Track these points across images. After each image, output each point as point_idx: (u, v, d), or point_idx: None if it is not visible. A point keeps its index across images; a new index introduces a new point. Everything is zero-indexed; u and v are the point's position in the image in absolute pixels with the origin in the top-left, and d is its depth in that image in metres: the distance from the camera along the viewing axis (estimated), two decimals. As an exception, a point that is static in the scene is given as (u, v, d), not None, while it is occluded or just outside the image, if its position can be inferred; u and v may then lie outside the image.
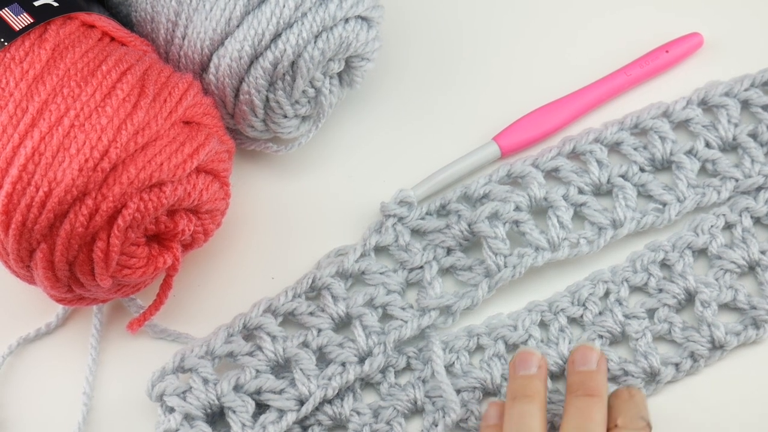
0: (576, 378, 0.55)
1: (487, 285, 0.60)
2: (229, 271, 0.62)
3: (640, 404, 0.54)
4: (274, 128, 0.62)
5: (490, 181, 0.61)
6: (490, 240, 0.60)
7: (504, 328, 0.59)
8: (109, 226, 0.52)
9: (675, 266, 0.60)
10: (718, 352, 0.58)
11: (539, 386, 0.54)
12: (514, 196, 0.61)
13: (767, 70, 0.64)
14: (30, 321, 0.60)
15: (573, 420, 0.53)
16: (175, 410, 0.56)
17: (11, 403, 0.59)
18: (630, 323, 0.59)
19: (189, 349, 0.58)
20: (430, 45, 0.68)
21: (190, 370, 0.57)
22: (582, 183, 0.61)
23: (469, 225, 0.60)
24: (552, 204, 0.61)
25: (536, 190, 0.61)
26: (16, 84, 0.53)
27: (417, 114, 0.66)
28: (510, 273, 0.59)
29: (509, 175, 0.62)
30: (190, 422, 0.56)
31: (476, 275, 0.60)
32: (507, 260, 0.60)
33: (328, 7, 0.58)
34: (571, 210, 0.61)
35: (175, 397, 0.56)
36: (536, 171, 0.61)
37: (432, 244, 0.60)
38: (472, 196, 0.61)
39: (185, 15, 0.58)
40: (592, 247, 0.60)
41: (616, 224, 0.61)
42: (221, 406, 0.57)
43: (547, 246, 0.60)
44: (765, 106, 0.63)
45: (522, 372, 0.55)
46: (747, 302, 0.59)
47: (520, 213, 0.60)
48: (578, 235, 0.61)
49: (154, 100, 0.54)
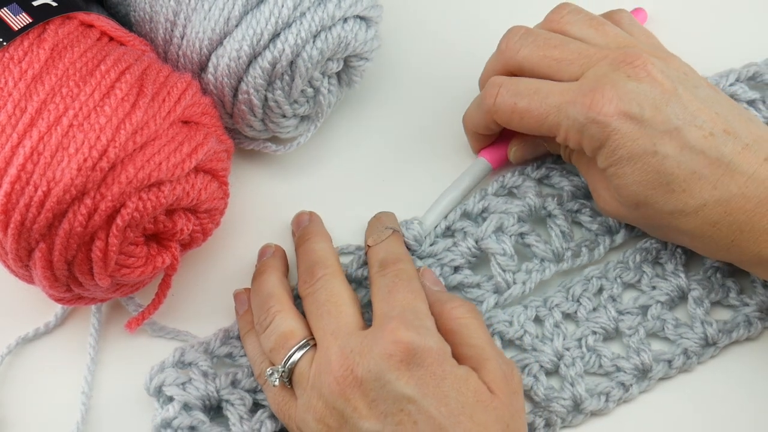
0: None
1: (495, 301, 0.60)
2: (227, 270, 0.62)
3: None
4: (272, 128, 0.62)
5: (486, 195, 0.62)
6: (499, 257, 0.60)
7: (500, 324, 0.59)
8: (107, 226, 0.52)
9: (666, 264, 0.60)
10: (710, 349, 0.59)
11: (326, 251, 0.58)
12: (513, 207, 0.61)
13: (752, 65, 0.65)
14: (29, 320, 0.60)
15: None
16: (174, 399, 0.56)
17: (10, 402, 0.59)
18: (623, 319, 0.59)
19: (189, 345, 0.59)
20: (429, 44, 0.68)
21: (190, 365, 0.58)
22: (573, 187, 0.62)
23: (476, 242, 0.60)
24: (550, 213, 0.61)
25: (534, 199, 0.61)
26: (14, 84, 0.53)
27: (416, 114, 0.66)
28: (520, 289, 0.60)
29: (504, 187, 0.62)
30: (188, 411, 0.56)
31: (485, 292, 0.60)
32: (516, 276, 0.60)
33: (327, 7, 0.58)
34: (569, 217, 0.61)
35: (174, 387, 0.57)
36: (529, 180, 0.62)
37: (439, 262, 0.60)
38: (471, 212, 0.61)
39: (184, 15, 0.58)
40: (592, 256, 0.61)
41: (612, 230, 0.61)
42: (219, 399, 0.57)
43: (552, 258, 0.60)
44: (751, 101, 0.64)
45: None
46: (739, 300, 0.60)
47: (523, 225, 0.61)
48: (579, 243, 0.61)
49: (153, 100, 0.54)
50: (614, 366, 0.58)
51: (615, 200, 0.57)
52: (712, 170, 0.54)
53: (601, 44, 0.58)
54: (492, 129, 0.60)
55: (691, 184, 0.54)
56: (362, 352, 0.52)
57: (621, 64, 0.55)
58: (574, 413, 0.58)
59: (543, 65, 0.57)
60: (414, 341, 0.51)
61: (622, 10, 0.61)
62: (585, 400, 0.57)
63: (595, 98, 0.54)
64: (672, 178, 0.54)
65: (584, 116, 0.55)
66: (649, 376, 0.58)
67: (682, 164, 0.54)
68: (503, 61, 0.59)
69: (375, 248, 0.58)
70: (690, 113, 0.54)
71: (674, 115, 0.54)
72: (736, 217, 0.54)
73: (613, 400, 0.58)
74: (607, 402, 0.58)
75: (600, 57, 0.56)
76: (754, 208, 0.54)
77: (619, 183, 0.55)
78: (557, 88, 0.56)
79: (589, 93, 0.55)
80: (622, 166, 0.55)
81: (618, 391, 0.58)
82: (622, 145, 0.54)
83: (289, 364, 0.54)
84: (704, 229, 0.55)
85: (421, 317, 0.53)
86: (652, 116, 0.54)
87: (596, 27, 0.58)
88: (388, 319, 0.52)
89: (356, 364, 0.51)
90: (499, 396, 0.52)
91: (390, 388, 0.50)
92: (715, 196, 0.54)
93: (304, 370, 0.53)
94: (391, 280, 0.55)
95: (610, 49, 0.57)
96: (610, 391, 0.58)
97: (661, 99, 0.54)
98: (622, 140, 0.54)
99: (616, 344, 0.60)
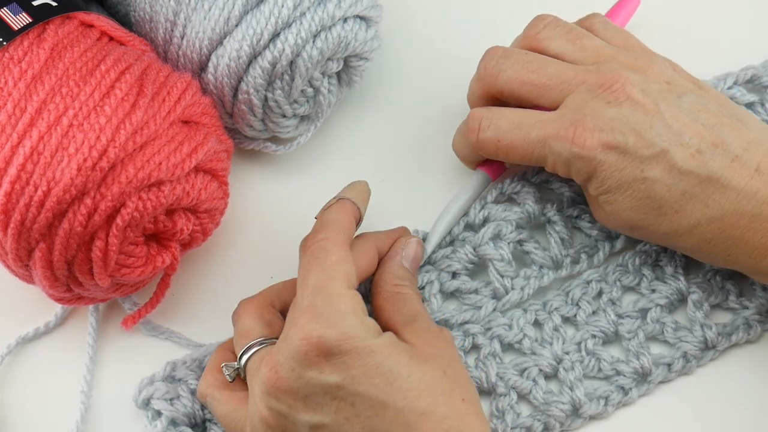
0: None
1: (493, 307, 0.60)
2: (227, 270, 0.62)
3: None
4: (272, 128, 0.62)
5: (487, 203, 0.61)
6: (497, 263, 0.60)
7: (499, 327, 0.59)
8: (107, 226, 0.52)
9: (666, 267, 0.60)
10: (710, 353, 0.59)
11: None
12: (512, 214, 0.61)
13: (750, 68, 0.64)
14: (29, 320, 0.60)
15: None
16: (162, 414, 0.57)
17: (10, 402, 0.59)
18: (623, 323, 0.59)
19: (181, 361, 0.59)
20: (429, 44, 0.68)
21: (180, 381, 0.58)
22: (573, 192, 0.61)
23: (474, 248, 0.60)
24: (549, 219, 0.61)
25: (533, 205, 0.61)
26: (14, 83, 0.53)
27: (416, 113, 0.66)
28: (518, 295, 0.60)
29: (503, 193, 0.62)
30: (175, 427, 0.57)
31: (483, 297, 0.60)
32: (514, 282, 0.60)
33: (327, 7, 0.58)
34: (568, 223, 0.61)
35: (162, 401, 0.57)
36: (529, 185, 0.62)
37: (437, 268, 0.60)
38: (474, 223, 0.61)
39: (184, 14, 0.58)
40: (591, 262, 0.61)
41: (612, 236, 0.61)
42: (204, 419, 0.57)
43: (551, 264, 0.60)
44: (749, 104, 0.63)
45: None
46: (739, 303, 0.59)
47: (521, 232, 0.61)
48: (578, 249, 0.61)
49: (153, 100, 0.54)
50: (613, 369, 0.58)
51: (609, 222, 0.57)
52: (702, 189, 0.54)
53: (580, 60, 0.57)
54: (481, 157, 0.60)
55: (682, 205, 0.54)
56: (281, 352, 0.51)
57: (599, 90, 0.55)
58: (573, 417, 0.58)
59: (523, 92, 0.57)
60: (325, 335, 0.50)
61: (595, 15, 0.60)
62: (584, 404, 0.57)
63: (576, 132, 0.54)
64: (663, 202, 0.54)
65: (568, 152, 0.54)
66: (648, 380, 0.58)
67: (671, 187, 0.54)
68: (485, 86, 0.59)
69: (316, 221, 0.56)
70: (675, 132, 0.54)
71: (658, 137, 0.54)
72: (730, 233, 0.54)
73: (613, 403, 0.58)
74: (606, 406, 0.58)
75: (578, 82, 0.56)
76: (748, 223, 0.54)
77: (612, 210, 0.55)
78: (539, 122, 0.56)
79: (570, 127, 0.54)
80: (613, 194, 0.55)
81: (617, 395, 0.58)
82: (610, 176, 0.54)
83: (242, 360, 0.54)
84: (700, 245, 0.55)
85: (332, 300, 0.51)
86: (636, 142, 0.54)
87: (573, 41, 0.58)
88: (299, 312, 0.51)
89: (279, 366, 0.51)
90: (427, 349, 0.52)
91: (315, 383, 0.50)
92: (707, 214, 0.54)
93: (254, 366, 0.53)
94: (307, 260, 0.53)
95: (589, 72, 0.56)
96: (609, 395, 0.58)
97: (643, 122, 0.54)
98: (609, 170, 0.54)
99: (615, 348, 0.59)
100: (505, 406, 0.57)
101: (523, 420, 0.57)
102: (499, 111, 0.58)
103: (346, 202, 0.57)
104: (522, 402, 0.58)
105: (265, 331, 0.55)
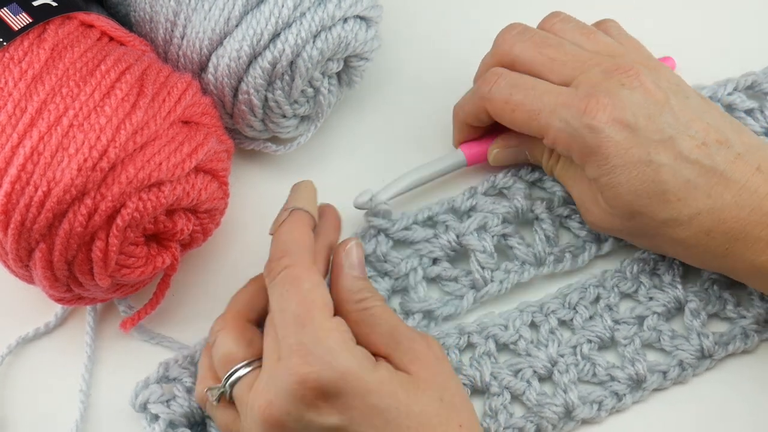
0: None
1: (473, 297, 0.60)
2: (227, 270, 0.62)
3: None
4: (272, 128, 0.62)
5: (476, 193, 0.62)
6: (478, 254, 0.60)
7: (495, 327, 0.60)
8: (107, 226, 0.53)
9: (664, 276, 0.60)
10: (706, 362, 0.59)
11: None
12: (500, 208, 0.61)
13: (750, 74, 0.64)
14: (29, 320, 0.60)
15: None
16: (160, 417, 0.57)
17: (10, 401, 0.59)
18: (619, 329, 0.59)
19: (173, 360, 0.58)
20: (429, 44, 0.67)
21: (174, 380, 0.58)
22: (564, 192, 0.61)
23: (457, 236, 0.60)
24: (538, 216, 0.61)
25: (522, 201, 0.61)
26: (15, 84, 0.53)
27: (416, 113, 0.66)
28: (497, 288, 0.60)
29: (494, 186, 0.62)
30: (174, 429, 0.57)
31: (462, 286, 0.60)
32: (494, 275, 0.60)
33: (327, 7, 0.58)
34: (557, 222, 0.61)
35: (159, 405, 0.57)
36: (520, 182, 0.62)
37: (418, 253, 0.60)
38: (459, 209, 0.61)
39: (184, 15, 0.58)
40: (576, 262, 0.61)
41: (601, 238, 0.61)
42: (203, 416, 0.58)
43: (534, 261, 0.60)
44: (749, 110, 0.63)
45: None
46: (736, 312, 0.60)
47: (507, 227, 0.61)
48: (563, 249, 0.61)
49: (153, 100, 0.54)
50: (608, 375, 0.59)
51: (604, 212, 0.57)
52: (706, 179, 0.54)
53: (593, 51, 0.58)
54: (481, 120, 0.60)
55: (685, 193, 0.54)
56: (272, 390, 0.50)
57: (614, 72, 0.55)
58: (566, 420, 0.58)
59: (537, 62, 0.58)
60: (321, 376, 0.49)
61: (611, 20, 0.61)
62: (577, 408, 0.58)
63: (590, 104, 0.55)
64: (667, 187, 0.54)
65: (578, 120, 0.55)
66: (643, 387, 0.58)
67: (677, 173, 0.54)
68: (498, 55, 0.59)
69: (273, 239, 0.54)
70: (683, 123, 0.55)
71: (667, 124, 0.54)
72: (729, 225, 0.54)
73: (606, 409, 0.58)
74: (599, 411, 0.58)
75: (593, 63, 0.56)
76: (747, 216, 0.54)
77: (612, 193, 0.55)
78: (554, 89, 0.56)
79: (584, 98, 0.55)
80: (616, 175, 0.55)
81: (611, 401, 0.58)
82: (615, 153, 0.54)
83: (229, 383, 0.53)
84: (698, 237, 0.55)
85: (319, 336, 0.50)
86: (646, 125, 0.54)
87: (587, 35, 0.59)
88: (289, 353, 0.50)
89: (273, 405, 0.50)
90: (421, 374, 0.51)
91: (316, 425, 0.49)
92: (708, 204, 0.54)
93: (242, 393, 0.52)
94: (280, 292, 0.51)
95: (603, 57, 0.57)
96: (602, 400, 0.58)
97: (654, 108, 0.55)
98: (615, 148, 0.54)
99: (611, 353, 0.60)
100: (498, 406, 0.58)
101: (516, 420, 0.58)
102: (518, 74, 0.58)
103: (299, 214, 0.55)
104: (515, 403, 0.59)
105: (247, 353, 0.53)
